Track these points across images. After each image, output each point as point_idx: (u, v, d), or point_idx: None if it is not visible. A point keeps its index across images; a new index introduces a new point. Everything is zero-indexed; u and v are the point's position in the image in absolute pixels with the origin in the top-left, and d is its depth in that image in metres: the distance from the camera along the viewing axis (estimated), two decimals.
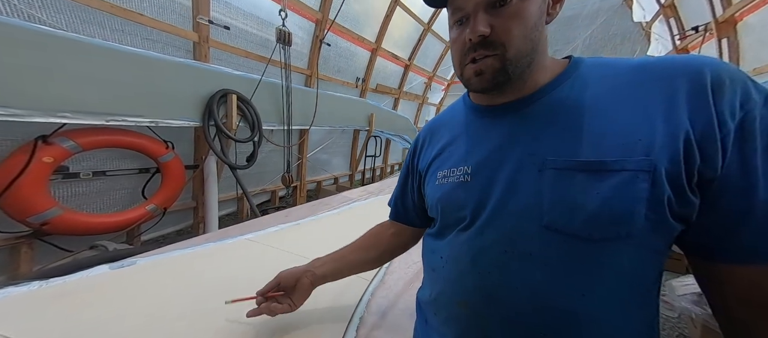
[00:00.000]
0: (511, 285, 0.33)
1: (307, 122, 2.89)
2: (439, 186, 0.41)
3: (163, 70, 1.74)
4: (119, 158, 1.89)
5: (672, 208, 0.28)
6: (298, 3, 2.66)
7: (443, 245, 0.41)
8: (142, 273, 0.81)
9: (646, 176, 0.27)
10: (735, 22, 2.52)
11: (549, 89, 0.35)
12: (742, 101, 0.27)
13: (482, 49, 0.33)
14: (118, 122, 1.60)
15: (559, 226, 0.30)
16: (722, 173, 0.27)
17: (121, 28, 1.74)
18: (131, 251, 1.05)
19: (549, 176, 0.31)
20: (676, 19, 3.39)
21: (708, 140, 0.27)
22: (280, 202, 3.26)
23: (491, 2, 0.32)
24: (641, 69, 0.31)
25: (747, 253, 0.27)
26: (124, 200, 1.98)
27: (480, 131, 0.39)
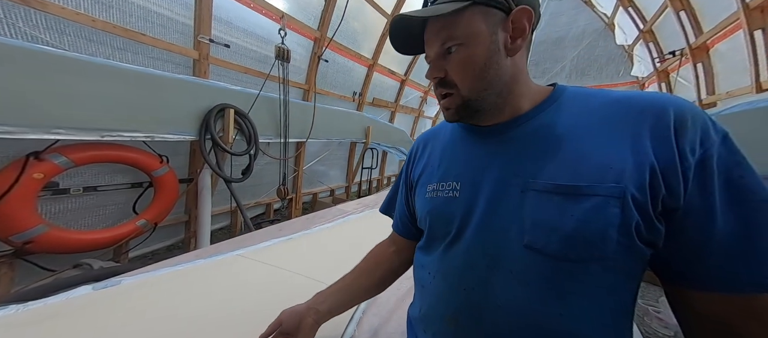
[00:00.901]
0: (494, 302, 0.34)
1: (304, 135, 2.92)
2: (429, 199, 0.42)
3: (160, 86, 1.77)
4: (111, 172, 1.87)
5: (640, 233, 0.30)
6: (298, 22, 2.77)
7: (431, 260, 0.42)
8: (128, 294, 0.78)
9: (616, 202, 0.29)
10: (707, 48, 2.70)
11: (532, 115, 0.37)
12: (701, 139, 0.29)
13: (441, 88, 0.39)
14: (113, 138, 1.60)
15: (538, 246, 0.32)
16: (684, 203, 0.29)
17: (124, 47, 1.79)
18: (117, 269, 1.01)
19: (531, 198, 0.33)
20: (655, 44, 3.62)
21: (671, 173, 0.29)
22: (274, 215, 3.21)
23: (443, 51, 0.37)
24: (616, 103, 0.34)
25: (706, 281, 0.29)
26: (114, 215, 1.94)
27: (468, 148, 0.41)
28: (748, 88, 2.05)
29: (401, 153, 4.38)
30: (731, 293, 0.28)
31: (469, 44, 0.35)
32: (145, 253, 2.15)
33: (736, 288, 0.28)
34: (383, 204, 0.60)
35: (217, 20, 2.21)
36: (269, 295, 0.83)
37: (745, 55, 2.01)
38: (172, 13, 1.96)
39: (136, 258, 2.06)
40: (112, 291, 0.79)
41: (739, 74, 2.18)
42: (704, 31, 2.60)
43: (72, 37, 1.58)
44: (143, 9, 1.82)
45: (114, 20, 1.70)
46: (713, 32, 2.45)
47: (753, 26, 1.91)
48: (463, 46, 0.35)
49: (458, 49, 0.35)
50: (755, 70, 1.96)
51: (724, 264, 0.28)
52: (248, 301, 0.77)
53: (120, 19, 1.73)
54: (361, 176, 4.26)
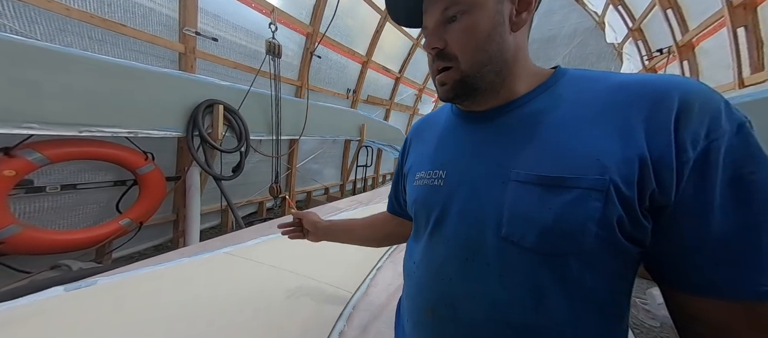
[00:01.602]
0: (471, 294, 0.33)
1: (297, 132, 2.87)
2: (416, 188, 0.41)
3: (144, 80, 1.70)
4: (92, 170, 1.80)
5: (623, 229, 0.28)
6: (289, 17, 2.71)
7: (417, 249, 0.41)
8: (103, 294, 0.74)
9: (598, 195, 0.27)
10: (693, 46, 2.76)
11: (525, 100, 0.35)
12: (709, 129, 0.26)
13: (440, 61, 0.35)
14: (92, 133, 1.53)
15: (514, 238, 0.30)
16: (675, 201, 0.26)
17: (102, 38, 1.71)
18: (98, 270, 0.97)
19: (512, 189, 0.31)
20: (643, 42, 3.69)
21: (664, 167, 0.26)
22: (267, 213, 3.16)
23: (444, 19, 0.34)
24: (617, 88, 0.30)
25: (698, 284, 0.27)
26: (95, 215, 1.86)
27: (458, 136, 0.40)
28: (731, 84, 2.10)
29: (396, 151, 4.37)
30: (727, 298, 0.25)
31: (473, 11, 0.32)
32: (132, 253, 2.09)
33: (732, 294, 0.25)
34: (390, 198, 0.60)
35: (204, 13, 2.14)
36: (257, 293, 0.80)
37: (728, 52, 2.07)
38: (155, 4, 1.88)
39: (122, 259, 1.99)
40: (87, 291, 0.75)
41: (723, 71, 2.24)
42: (690, 29, 2.66)
43: (44, 26, 1.49)
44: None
45: (91, 10, 1.62)
46: (699, 30, 2.51)
47: (736, 23, 1.96)
48: (467, 13, 0.32)
49: (461, 17, 0.33)
50: (738, 66, 2.01)
51: (720, 267, 0.25)
52: (234, 300, 0.75)
53: (98, 9, 1.65)
54: (356, 174, 4.23)
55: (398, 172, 0.54)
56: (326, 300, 0.80)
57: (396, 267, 1.07)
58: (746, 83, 1.99)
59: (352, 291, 0.86)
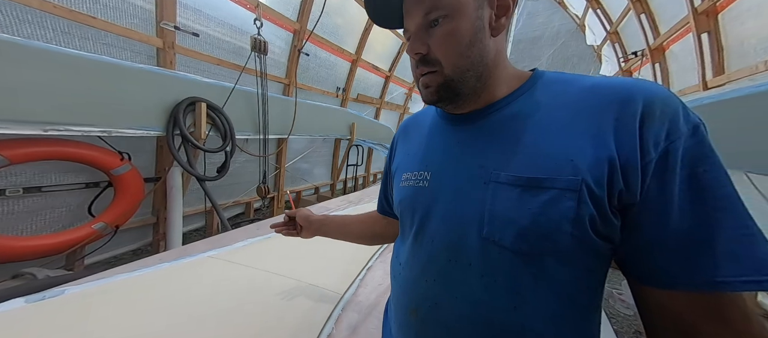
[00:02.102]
0: (453, 294, 0.34)
1: (286, 131, 2.81)
2: (402, 188, 0.42)
3: (118, 77, 1.61)
4: (61, 171, 1.67)
5: (595, 227, 0.29)
6: (275, 13, 2.64)
7: (403, 249, 0.41)
8: (70, 306, 0.69)
9: (572, 195, 0.28)
10: (663, 49, 2.95)
11: (504, 103, 0.36)
12: (668, 131, 0.27)
13: (423, 66, 0.36)
14: (59, 132, 1.43)
15: (495, 238, 0.31)
16: (641, 199, 0.28)
17: (68, 30, 1.59)
18: (65, 277, 0.91)
19: (492, 190, 0.32)
20: (619, 44, 3.89)
21: (630, 167, 0.27)
22: (255, 214, 3.08)
23: (426, 23, 0.34)
24: (588, 91, 0.32)
25: (661, 276, 0.28)
26: (65, 218, 1.74)
27: (442, 137, 0.40)
28: (696, 86, 2.26)
29: (387, 150, 4.37)
30: (685, 290, 0.27)
31: (455, 16, 0.33)
32: (107, 258, 1.97)
33: (689, 285, 0.26)
34: (379, 198, 0.60)
35: (184, 7, 2.04)
36: (244, 298, 0.78)
37: (694, 56, 2.22)
38: None
39: (95, 265, 1.88)
40: (51, 303, 0.70)
41: (690, 73, 2.41)
42: (661, 33, 2.84)
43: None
44: None
45: (54, 0, 1.51)
46: (669, 34, 2.68)
47: (700, 29, 2.11)
48: (448, 18, 0.33)
49: (443, 21, 0.33)
50: (702, 70, 2.17)
51: (679, 260, 0.27)
52: (219, 306, 0.72)
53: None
54: (347, 173, 4.19)
55: (386, 172, 0.54)
56: (315, 302, 0.79)
57: (385, 266, 1.07)
58: (709, 85, 2.14)
59: (341, 291, 0.85)
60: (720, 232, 0.26)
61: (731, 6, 1.92)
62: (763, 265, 0.25)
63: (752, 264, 0.25)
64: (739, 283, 0.25)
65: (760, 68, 1.70)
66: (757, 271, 0.25)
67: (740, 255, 0.25)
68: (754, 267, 0.25)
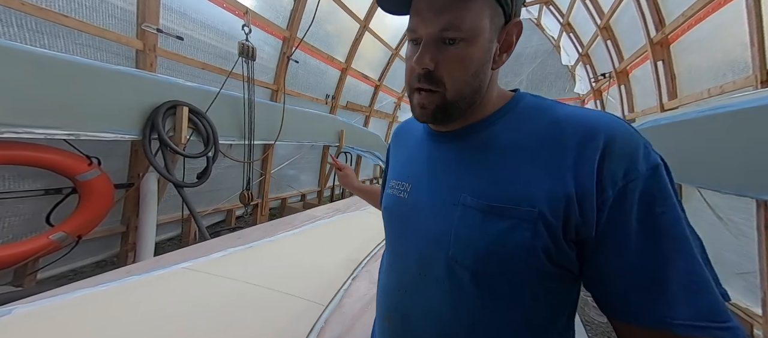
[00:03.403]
0: (421, 307, 0.35)
1: (272, 137, 2.76)
2: (387, 195, 0.43)
3: (89, 77, 1.52)
4: (16, 177, 1.53)
5: (550, 257, 0.30)
6: (264, 20, 2.64)
7: (386, 256, 0.43)
8: (21, 327, 0.63)
9: (528, 226, 0.29)
10: (628, 73, 3.26)
11: (485, 125, 0.36)
12: (626, 170, 0.28)
13: (426, 83, 0.34)
14: (17, 135, 1.32)
15: (458, 259, 0.33)
16: (596, 235, 0.29)
17: (37, 28, 1.50)
18: (15, 294, 0.82)
19: (459, 212, 0.33)
20: (590, 66, 4.25)
21: (587, 202, 0.28)
22: (237, 222, 2.95)
23: (440, 37, 0.32)
24: (558, 125, 0.32)
25: (613, 310, 0.29)
26: (17, 228, 1.58)
27: (425, 152, 0.41)
28: (656, 108, 2.52)
29: (375, 158, 4.40)
30: (637, 325, 0.28)
31: (471, 42, 0.32)
32: (64, 272, 1.80)
33: (641, 321, 0.27)
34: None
35: (168, 9, 1.99)
36: (222, 312, 0.74)
37: (652, 80, 2.48)
38: None
39: (50, 279, 1.71)
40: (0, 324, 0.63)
41: (650, 96, 2.68)
42: (625, 58, 3.15)
43: None
44: None
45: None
46: (631, 59, 2.98)
47: (656, 58, 2.37)
48: (465, 42, 0.31)
49: (459, 44, 0.31)
50: (659, 94, 2.42)
51: (633, 296, 0.27)
52: (195, 323, 0.68)
53: None
54: (334, 180, 4.15)
55: (385, 175, 0.56)
56: (298, 314, 0.78)
57: (371, 276, 1.06)
58: (665, 108, 2.39)
59: (325, 302, 0.84)
60: (674, 273, 0.26)
61: (680, 38, 2.18)
62: (710, 312, 0.25)
63: (700, 310, 0.25)
64: (687, 327, 0.25)
65: (704, 95, 1.93)
66: (704, 318, 0.25)
67: (690, 301, 0.26)
68: (702, 313, 0.25)
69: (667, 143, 1.81)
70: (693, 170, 1.64)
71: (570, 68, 5.03)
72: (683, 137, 1.71)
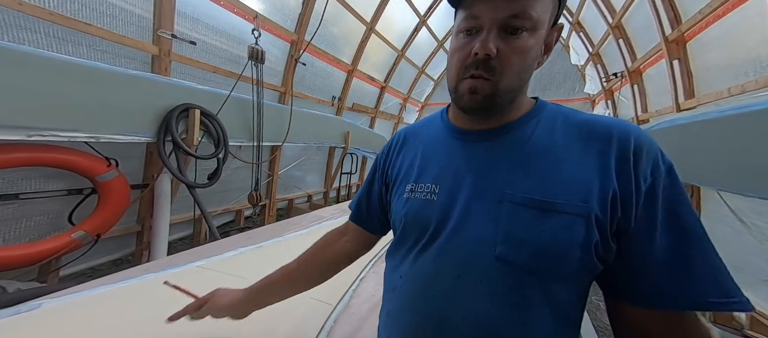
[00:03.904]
0: (461, 312, 0.34)
1: (280, 139, 2.81)
2: (407, 200, 0.41)
3: (109, 82, 1.59)
4: (42, 177, 1.61)
5: (598, 251, 0.32)
6: (273, 24, 2.70)
7: (404, 263, 0.40)
8: (50, 320, 0.67)
9: (583, 221, 0.31)
10: (640, 72, 3.17)
11: (517, 125, 0.37)
12: (652, 169, 0.31)
13: (483, 69, 0.33)
14: (44, 138, 1.39)
15: (509, 258, 0.32)
16: (633, 227, 0.31)
17: (63, 36, 1.57)
18: (39, 290, 0.86)
19: (507, 209, 0.33)
20: (601, 65, 4.15)
21: (627, 198, 0.31)
22: (245, 222, 3.01)
23: (505, 25, 0.32)
24: (587, 124, 0.35)
25: (642, 297, 0.32)
26: (42, 227, 1.66)
27: (452, 152, 0.40)
28: (671, 108, 2.44)
29: None
30: (665, 309, 0.30)
31: (533, 34, 0.32)
32: (84, 269, 1.87)
33: (670, 305, 0.30)
34: (353, 203, 0.54)
35: (183, 16, 2.06)
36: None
37: (667, 79, 2.40)
38: (126, 4, 1.78)
39: (71, 276, 1.78)
40: (28, 317, 0.66)
41: (664, 95, 2.59)
42: (638, 57, 3.06)
43: None
44: None
45: (49, 6, 1.50)
46: (644, 59, 2.89)
47: (672, 56, 2.29)
48: (528, 32, 0.32)
49: (523, 34, 0.32)
50: (675, 93, 2.34)
51: (661, 284, 0.30)
52: (207, 320, 0.70)
53: (58, 6, 1.53)
54: (340, 181, 4.19)
55: (374, 180, 0.51)
56: (307, 314, 0.79)
57: (378, 277, 1.06)
58: (681, 108, 2.31)
59: (333, 302, 0.85)
60: (693, 262, 0.30)
61: (698, 36, 2.10)
62: (726, 291, 0.29)
63: (719, 289, 0.29)
64: (711, 304, 0.29)
65: (724, 95, 1.86)
66: (723, 295, 0.29)
67: (711, 282, 0.29)
68: (721, 292, 0.29)
69: (684, 143, 1.75)
70: (712, 173, 1.57)
71: (580, 68, 4.91)
72: (702, 138, 1.65)
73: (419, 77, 5.53)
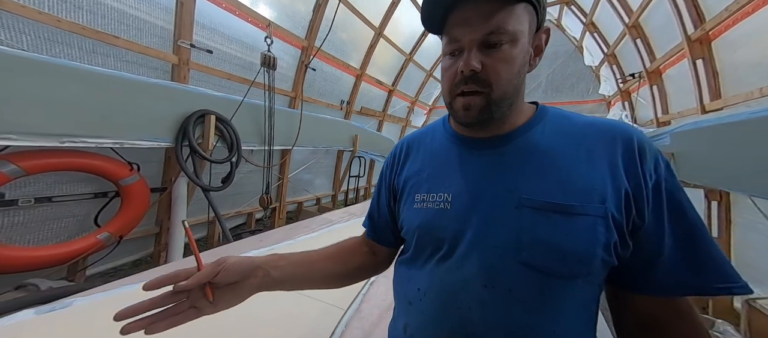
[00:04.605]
0: (490, 321, 0.33)
1: (290, 143, 2.87)
2: (418, 211, 0.40)
3: (132, 90, 1.67)
4: (72, 181, 1.71)
5: (616, 250, 0.33)
6: (285, 31, 2.77)
7: (421, 275, 0.39)
8: (80, 317, 0.70)
9: (603, 222, 0.31)
10: (660, 72, 3.03)
11: (522, 131, 0.38)
12: (655, 166, 0.33)
13: (472, 84, 0.34)
14: (75, 144, 1.48)
15: (536, 263, 0.32)
16: (646, 224, 0.33)
17: (93, 49, 1.68)
18: (70, 289, 0.92)
19: (527, 214, 0.33)
20: (617, 66, 4.00)
21: (639, 196, 0.32)
22: (256, 225, 3.08)
23: (485, 42, 0.34)
24: (591, 126, 0.37)
25: (653, 286, 0.34)
26: (71, 228, 1.76)
27: (460, 160, 0.39)
28: (695, 109, 2.32)
29: None
30: (672, 297, 0.33)
31: (515, 44, 0.34)
32: (107, 269, 1.96)
33: (672, 294, 0.33)
34: (367, 221, 0.53)
35: (200, 26, 2.16)
36: (247, 313, 0.77)
37: (690, 79, 2.29)
38: (151, 17, 1.89)
39: (96, 275, 1.87)
40: (61, 314, 0.70)
41: (687, 96, 2.46)
42: (657, 57, 2.93)
43: (32, 37, 1.46)
44: (118, 12, 1.74)
45: (83, 22, 1.61)
46: (664, 58, 2.77)
47: (695, 56, 2.18)
48: (510, 44, 0.33)
49: (504, 46, 0.33)
50: (699, 94, 2.23)
51: (671, 274, 0.32)
52: (222, 321, 0.72)
53: (90, 21, 1.64)
54: (349, 184, 4.21)
55: (381, 190, 0.50)
56: (318, 318, 0.79)
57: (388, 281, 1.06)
58: (707, 109, 2.19)
59: (344, 306, 0.85)
60: (698, 251, 0.32)
61: (724, 34, 2.00)
62: (728, 276, 0.32)
63: (723, 276, 0.32)
64: (713, 289, 0.32)
65: (755, 95, 1.75)
66: (727, 280, 0.32)
67: (713, 270, 0.32)
68: (724, 278, 0.32)
69: (711, 147, 1.65)
70: (744, 177, 1.47)
71: (594, 69, 4.76)
72: (732, 140, 1.55)
73: (427, 81, 5.52)
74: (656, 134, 1.99)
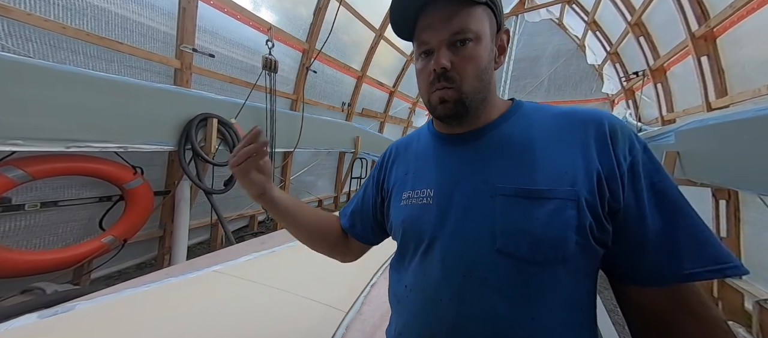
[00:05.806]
0: (471, 313, 0.34)
1: (292, 145, 2.88)
2: (403, 207, 0.42)
3: (136, 95, 1.70)
4: (77, 186, 1.74)
5: (594, 233, 0.32)
6: (286, 34, 2.79)
7: (408, 273, 0.40)
8: (83, 322, 0.71)
9: (573, 205, 0.32)
10: (664, 70, 2.99)
11: (497, 124, 0.40)
12: (629, 148, 0.33)
13: (444, 81, 0.37)
14: (80, 149, 1.50)
15: (509, 250, 0.33)
16: (623, 205, 0.32)
17: (97, 55, 1.71)
18: (75, 292, 0.92)
19: (500, 202, 0.34)
20: (620, 64, 3.97)
21: (612, 178, 0.32)
22: (258, 227, 3.09)
23: (452, 42, 0.36)
24: (563, 116, 0.38)
25: (644, 276, 0.32)
26: (76, 232, 1.78)
27: (440, 156, 0.42)
28: (700, 107, 2.28)
29: None
30: (660, 286, 0.31)
31: (479, 42, 0.36)
32: (111, 273, 1.98)
33: (664, 282, 0.31)
34: (347, 213, 0.54)
35: (202, 31, 2.18)
36: (250, 315, 0.78)
37: (695, 77, 2.25)
38: (154, 23, 1.91)
39: (100, 279, 1.89)
40: (64, 318, 0.71)
41: (692, 94, 2.42)
42: (661, 54, 2.90)
43: (37, 44, 1.49)
44: (122, 18, 1.77)
45: (87, 28, 1.63)
46: (668, 56, 2.73)
47: (699, 53, 2.15)
48: (474, 42, 0.36)
49: (469, 44, 0.36)
50: (704, 91, 2.19)
51: (658, 259, 0.31)
52: (226, 323, 0.72)
53: (95, 28, 1.67)
54: (350, 186, 4.22)
55: (369, 187, 0.52)
56: (319, 320, 0.79)
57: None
58: (713, 107, 2.15)
59: (345, 308, 0.85)
60: (681, 232, 0.31)
61: (729, 31, 1.97)
62: (718, 257, 0.30)
63: (710, 256, 0.30)
64: (704, 273, 0.30)
65: (762, 92, 1.71)
66: (718, 262, 0.30)
67: (701, 252, 0.30)
68: (715, 259, 0.30)
69: (718, 144, 1.61)
70: (753, 175, 1.44)
71: (597, 67, 4.72)
72: (739, 138, 1.52)
73: None
74: (661, 132, 1.95)
